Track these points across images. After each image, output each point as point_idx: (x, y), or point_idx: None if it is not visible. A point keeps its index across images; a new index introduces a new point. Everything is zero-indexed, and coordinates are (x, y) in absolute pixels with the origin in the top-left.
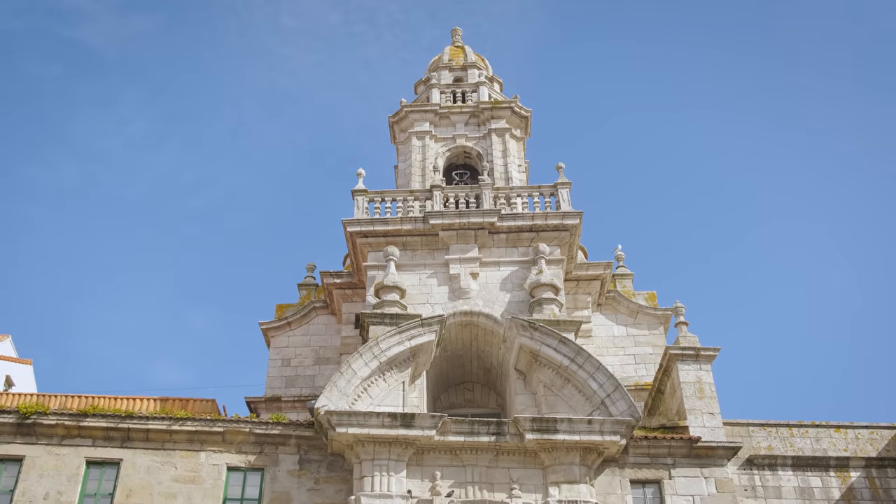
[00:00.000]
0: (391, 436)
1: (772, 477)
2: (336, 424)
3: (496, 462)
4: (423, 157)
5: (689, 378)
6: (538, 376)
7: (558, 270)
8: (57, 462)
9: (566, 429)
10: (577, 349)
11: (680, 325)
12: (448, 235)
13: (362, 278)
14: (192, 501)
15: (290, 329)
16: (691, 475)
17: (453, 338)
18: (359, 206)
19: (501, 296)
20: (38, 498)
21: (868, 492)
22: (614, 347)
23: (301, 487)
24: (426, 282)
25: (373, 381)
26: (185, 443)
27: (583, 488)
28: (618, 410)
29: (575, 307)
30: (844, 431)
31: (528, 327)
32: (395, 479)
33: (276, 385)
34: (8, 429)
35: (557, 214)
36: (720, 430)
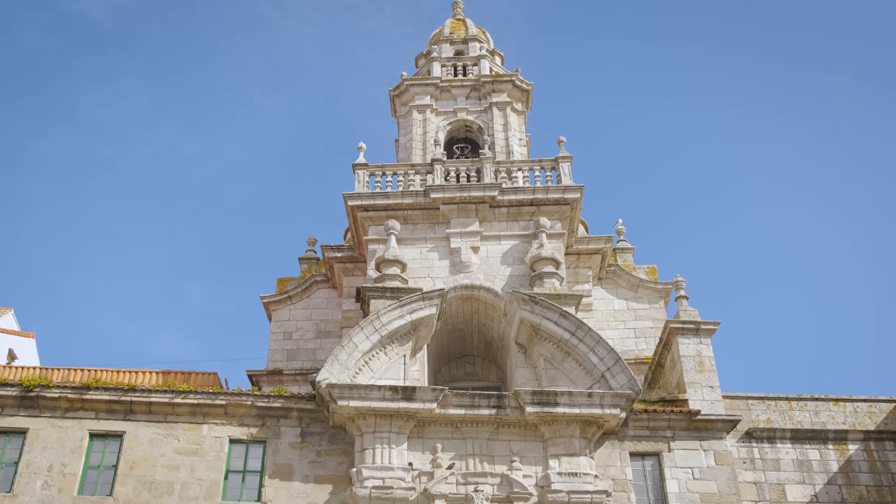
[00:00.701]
0: (392, 409)
1: (770, 449)
2: (337, 397)
3: (497, 435)
4: (424, 130)
5: (688, 352)
6: (539, 350)
7: (559, 244)
8: (60, 434)
9: (566, 402)
10: (577, 323)
11: (680, 298)
12: (449, 209)
13: (363, 252)
14: (195, 473)
15: (291, 303)
16: (690, 448)
17: (454, 311)
18: (359, 179)
19: (502, 269)
20: (42, 470)
21: (866, 464)
22: (615, 321)
23: (303, 460)
24: (427, 255)
25: (374, 354)
26: (188, 415)
27: (583, 461)
28: (618, 384)
29: (575, 281)
30: (843, 405)
31: (528, 301)
32: (396, 451)
33: (278, 358)
34: (11, 402)
35: (558, 188)
36: (719, 404)
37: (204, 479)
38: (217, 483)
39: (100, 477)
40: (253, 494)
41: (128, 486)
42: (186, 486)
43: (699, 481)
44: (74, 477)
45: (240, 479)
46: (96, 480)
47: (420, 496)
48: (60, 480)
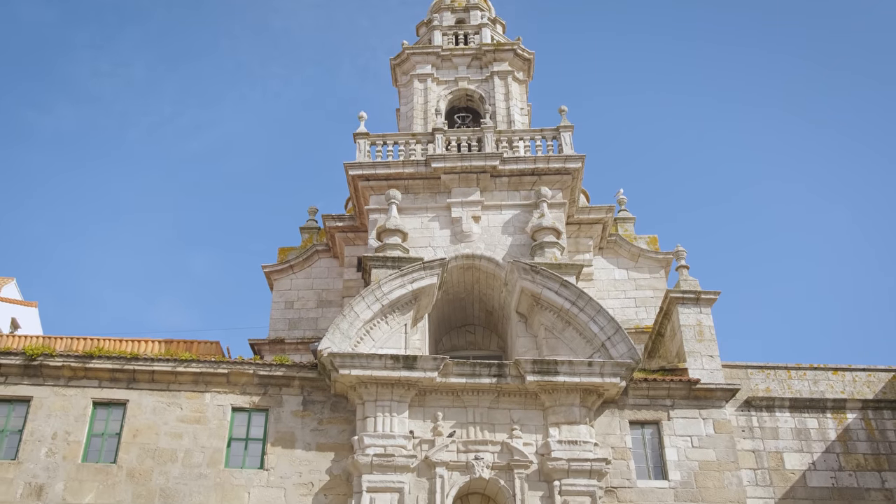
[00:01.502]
0: (393, 377)
1: (769, 418)
2: (339, 366)
3: (497, 403)
4: (425, 99)
5: (689, 321)
6: (539, 319)
7: (560, 214)
8: (64, 403)
9: (567, 371)
10: (578, 292)
11: (681, 268)
12: (450, 179)
13: (364, 221)
14: (198, 441)
15: (292, 272)
16: (690, 416)
17: (455, 281)
18: (360, 149)
19: (503, 239)
20: (46, 437)
21: (864, 433)
22: (615, 291)
23: (305, 428)
24: (428, 225)
25: (375, 323)
26: (190, 384)
27: (582, 429)
28: (618, 353)
29: (576, 251)
30: (842, 374)
31: (529, 270)
32: (397, 419)
33: (280, 327)
34: (15, 370)
35: (560, 158)
36: (719, 373)
37: (207, 447)
38: (220, 450)
39: (104, 444)
40: (255, 462)
41: (131, 454)
42: (190, 453)
43: (698, 449)
44: (78, 444)
45: (242, 447)
46: (100, 448)
47: (421, 464)
48: (65, 448)
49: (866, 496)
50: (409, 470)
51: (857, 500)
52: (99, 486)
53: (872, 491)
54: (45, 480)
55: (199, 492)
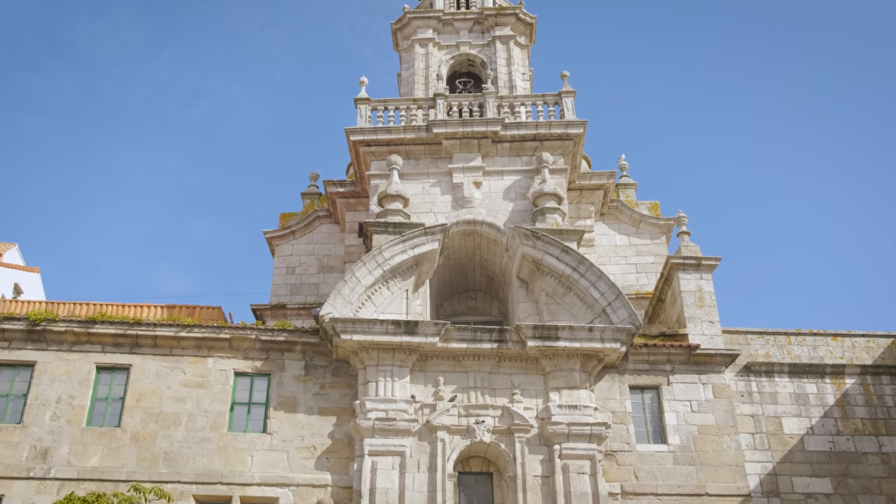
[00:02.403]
0: (395, 342)
1: (768, 383)
2: (341, 331)
3: (498, 368)
4: (427, 64)
5: (689, 287)
6: (540, 285)
7: (561, 180)
8: (68, 367)
9: (567, 336)
10: (579, 258)
11: (682, 234)
12: (451, 144)
13: (365, 187)
14: (201, 405)
15: (294, 238)
16: (689, 381)
17: (456, 246)
18: (361, 114)
19: (504, 205)
20: (50, 402)
21: (862, 398)
22: (616, 256)
23: (307, 392)
24: (429, 191)
25: (376, 289)
26: (193, 349)
27: (583, 394)
28: (618, 318)
29: (578, 216)
30: (841, 340)
31: (530, 236)
32: (398, 384)
33: (281, 293)
34: (18, 335)
35: (561, 123)
36: (719, 338)
37: (210, 411)
38: (223, 415)
39: (107, 409)
40: (258, 426)
41: (135, 418)
42: (193, 417)
43: (697, 414)
44: (83, 409)
45: (245, 411)
46: (104, 412)
47: (422, 428)
48: (69, 412)
49: (863, 460)
50: (410, 434)
51: (855, 464)
52: (103, 450)
53: (870, 455)
54: (49, 444)
55: (202, 455)
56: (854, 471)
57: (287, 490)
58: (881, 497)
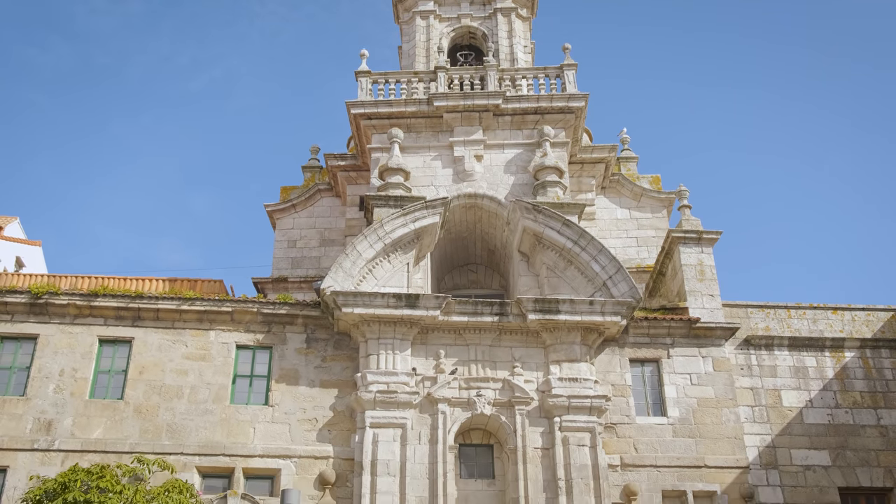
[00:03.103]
0: (396, 316)
1: (768, 356)
2: (342, 305)
3: (499, 341)
4: (428, 37)
5: (690, 260)
6: (541, 258)
7: (563, 153)
8: (70, 340)
9: (568, 309)
10: (580, 231)
11: (683, 208)
12: (452, 117)
13: (366, 161)
14: (204, 378)
15: (294, 211)
16: (689, 354)
17: (457, 220)
18: (362, 87)
19: (505, 178)
20: (53, 374)
21: (861, 371)
22: (617, 230)
23: (309, 365)
24: (430, 164)
25: (377, 262)
26: (195, 322)
27: (583, 367)
28: (619, 292)
29: (579, 190)
30: (841, 313)
31: (531, 210)
32: (400, 357)
33: (283, 266)
34: (21, 308)
35: (563, 97)
36: (719, 312)
37: (212, 384)
38: (225, 387)
39: (110, 381)
40: (260, 398)
41: (138, 390)
42: (195, 389)
43: (697, 386)
44: (86, 381)
45: (247, 384)
46: (107, 384)
47: (423, 400)
48: (72, 384)
49: (861, 433)
50: (411, 406)
51: (853, 437)
52: (107, 422)
53: (868, 428)
54: (53, 416)
55: (205, 427)
56: (852, 443)
57: (289, 462)
58: (879, 469)
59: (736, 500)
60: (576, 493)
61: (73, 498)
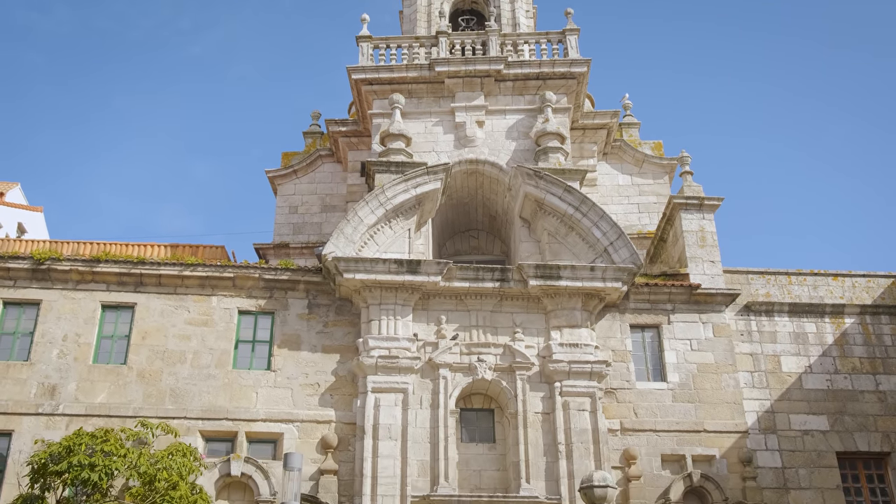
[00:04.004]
0: (397, 281)
1: (768, 322)
2: (343, 270)
3: (500, 307)
4: (429, 1)
5: (691, 227)
6: (542, 224)
7: (565, 119)
8: (73, 306)
9: (569, 275)
10: (581, 197)
11: (685, 174)
12: (454, 83)
13: (367, 126)
14: (206, 343)
15: (296, 177)
16: (690, 320)
17: (459, 186)
18: (363, 52)
19: (507, 144)
20: (57, 339)
21: (861, 337)
22: (619, 196)
23: (310, 330)
24: (432, 130)
25: (379, 228)
26: (197, 287)
27: (584, 332)
28: (620, 258)
29: (580, 156)
30: (842, 280)
31: (533, 175)
32: (401, 322)
33: (284, 232)
34: (23, 274)
35: (565, 62)
36: (720, 278)
37: (215, 349)
38: (227, 352)
39: (113, 346)
40: (263, 363)
41: (141, 355)
42: (198, 354)
43: (697, 352)
44: (89, 346)
45: (249, 349)
46: (110, 350)
47: (425, 365)
48: (75, 349)
49: (860, 398)
50: (413, 371)
51: (851, 402)
52: (110, 387)
53: (866, 393)
54: (57, 381)
55: (208, 392)
56: (850, 408)
57: (291, 426)
58: (877, 434)
59: (734, 465)
60: (576, 457)
61: (78, 461)
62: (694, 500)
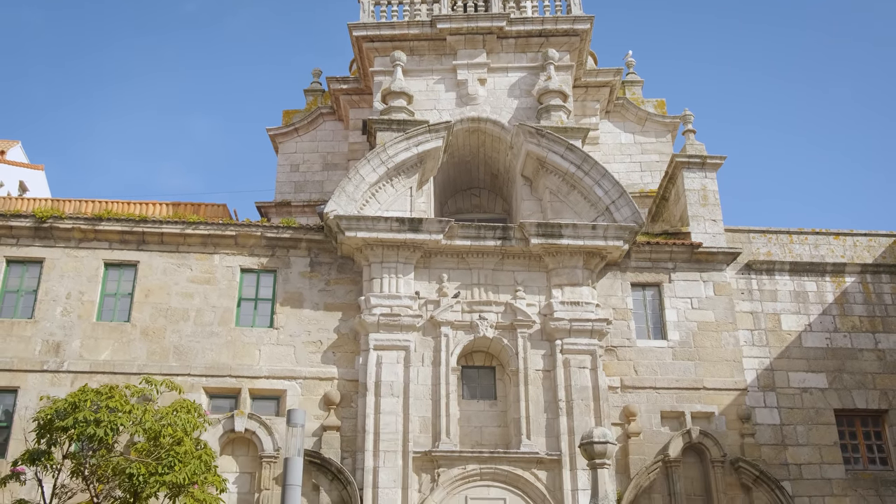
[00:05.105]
0: (399, 240)
1: (769, 281)
2: (345, 228)
3: (501, 265)
4: None
5: (693, 185)
6: (544, 182)
7: (567, 77)
8: (76, 264)
9: (570, 234)
10: (583, 156)
11: (687, 132)
12: (456, 40)
13: (369, 84)
14: (209, 301)
15: (297, 135)
16: (690, 279)
17: (460, 144)
18: (364, 9)
19: (509, 102)
20: (60, 297)
21: (861, 296)
22: (621, 155)
23: (312, 288)
24: (433, 87)
25: (380, 186)
26: (199, 246)
27: (585, 290)
28: (622, 216)
29: (583, 114)
30: (843, 239)
31: (535, 134)
32: (403, 280)
33: (286, 190)
34: (26, 232)
35: (567, 19)
36: (721, 237)
37: (217, 307)
38: (230, 310)
39: (117, 304)
40: (265, 321)
41: (144, 313)
42: (201, 312)
43: (697, 310)
44: (92, 304)
45: (252, 307)
46: (114, 307)
47: (426, 323)
48: (79, 307)
49: (859, 356)
50: (414, 329)
51: (850, 360)
52: (114, 344)
53: (865, 351)
54: (61, 338)
55: (211, 349)
56: (849, 366)
57: (294, 383)
58: (875, 392)
59: (733, 421)
60: (576, 414)
61: (84, 417)
62: (692, 457)
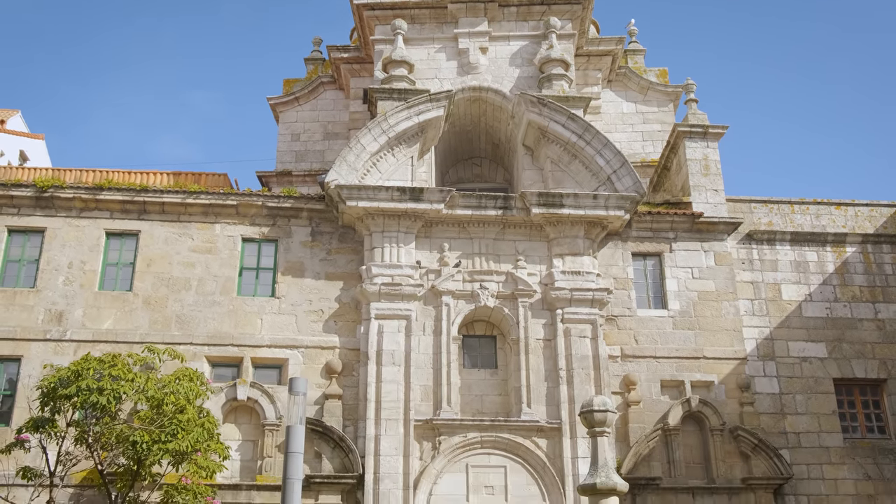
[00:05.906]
0: (400, 209)
1: (769, 251)
2: (346, 198)
3: (503, 235)
4: None
5: (695, 155)
6: (546, 152)
7: (569, 45)
8: (78, 233)
9: (571, 203)
10: (585, 125)
11: (689, 102)
12: (457, 8)
13: (370, 53)
14: (210, 270)
15: (298, 104)
16: (691, 248)
17: (462, 113)
18: None
19: (510, 71)
20: (62, 267)
21: (861, 266)
22: (623, 124)
23: (314, 258)
24: (434, 56)
25: (381, 155)
26: (200, 215)
27: (586, 260)
28: (623, 186)
29: (585, 83)
30: (844, 209)
31: (536, 103)
32: (404, 250)
33: (287, 160)
34: (27, 202)
35: None
36: (722, 206)
37: (219, 276)
38: (232, 279)
39: (119, 273)
40: (267, 290)
41: (146, 282)
42: (203, 281)
43: (698, 280)
44: (94, 273)
45: (254, 276)
46: (116, 277)
47: (428, 292)
48: (81, 276)
49: (859, 326)
50: (415, 298)
51: (850, 330)
52: (117, 313)
53: (865, 321)
54: (64, 307)
55: (213, 318)
56: (849, 336)
57: (296, 352)
58: (874, 361)
59: (733, 390)
60: (576, 383)
61: (87, 385)
62: (692, 425)
